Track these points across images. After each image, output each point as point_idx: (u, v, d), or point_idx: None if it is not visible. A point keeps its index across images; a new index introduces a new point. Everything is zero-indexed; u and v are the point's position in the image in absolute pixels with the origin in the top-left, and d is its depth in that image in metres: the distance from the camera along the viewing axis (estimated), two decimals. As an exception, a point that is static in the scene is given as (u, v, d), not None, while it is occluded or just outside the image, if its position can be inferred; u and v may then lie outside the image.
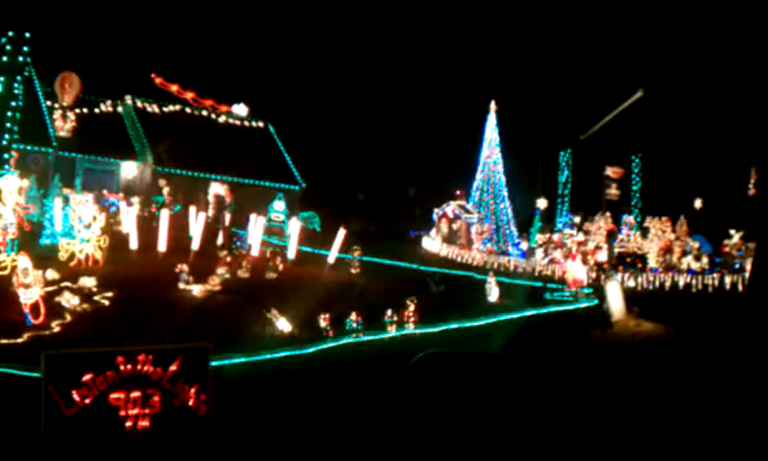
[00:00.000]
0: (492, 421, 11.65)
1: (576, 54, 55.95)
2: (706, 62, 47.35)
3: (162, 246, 25.11)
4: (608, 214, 35.66)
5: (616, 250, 30.16)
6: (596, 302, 23.27)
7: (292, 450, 10.98)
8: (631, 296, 23.53)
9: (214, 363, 11.96)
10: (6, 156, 25.82)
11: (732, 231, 30.67)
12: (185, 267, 21.47)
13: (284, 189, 41.52)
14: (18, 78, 27.24)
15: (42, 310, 15.97)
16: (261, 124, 48.85)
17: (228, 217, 30.83)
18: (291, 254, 27.71)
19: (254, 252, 26.70)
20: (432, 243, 39.36)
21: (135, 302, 18.53)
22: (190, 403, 10.75)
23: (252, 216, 28.91)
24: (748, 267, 24.64)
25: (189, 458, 10.45)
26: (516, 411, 12.14)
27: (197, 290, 20.67)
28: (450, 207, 40.73)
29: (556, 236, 34.78)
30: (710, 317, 21.21)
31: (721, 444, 11.15)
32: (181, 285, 20.87)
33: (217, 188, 40.68)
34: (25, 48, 27.43)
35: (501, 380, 13.07)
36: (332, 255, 27.56)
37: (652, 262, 30.30)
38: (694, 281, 27.42)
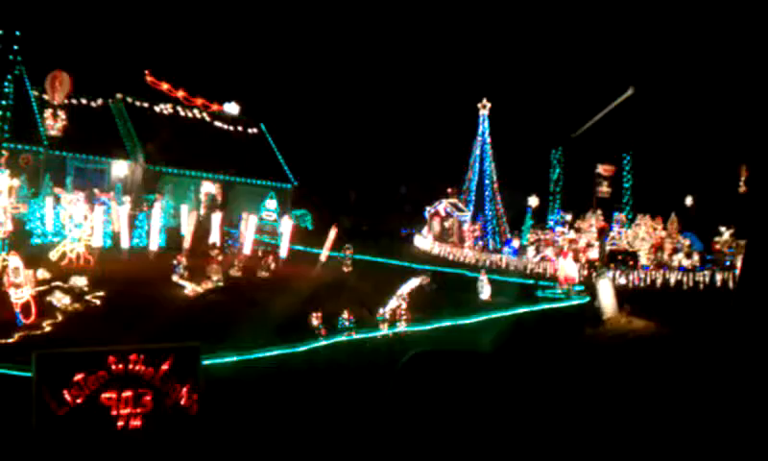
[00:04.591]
0: (483, 420, 11.66)
1: (567, 52, 56.10)
2: (696, 61, 47.51)
3: (154, 245, 25.08)
4: (599, 212, 35.75)
5: (608, 247, 30.27)
6: (588, 299, 23.32)
7: (285, 450, 10.99)
8: (622, 293, 23.61)
9: (205, 362, 11.95)
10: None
11: (723, 229, 30.83)
12: (183, 259, 21.50)
13: (276, 188, 41.40)
14: (8, 77, 27.10)
15: (33, 310, 15.89)
16: (253, 122, 48.75)
17: (219, 216, 30.74)
18: (283, 252, 27.65)
19: (246, 250, 26.66)
20: (424, 241, 39.39)
21: (127, 301, 18.46)
22: (182, 403, 10.72)
23: (244, 215, 28.84)
24: (739, 264, 24.78)
25: (181, 458, 10.43)
26: (509, 410, 12.16)
27: (189, 289, 20.63)
28: (442, 205, 40.79)
29: (547, 234, 34.86)
30: (702, 314, 21.28)
31: (714, 440, 11.19)
32: (175, 278, 20.86)
33: (208, 187, 40.63)
34: (15, 47, 27.30)
35: (493, 379, 13.07)
36: (324, 254, 27.55)
37: (643, 260, 30.43)
38: (685, 279, 27.54)
